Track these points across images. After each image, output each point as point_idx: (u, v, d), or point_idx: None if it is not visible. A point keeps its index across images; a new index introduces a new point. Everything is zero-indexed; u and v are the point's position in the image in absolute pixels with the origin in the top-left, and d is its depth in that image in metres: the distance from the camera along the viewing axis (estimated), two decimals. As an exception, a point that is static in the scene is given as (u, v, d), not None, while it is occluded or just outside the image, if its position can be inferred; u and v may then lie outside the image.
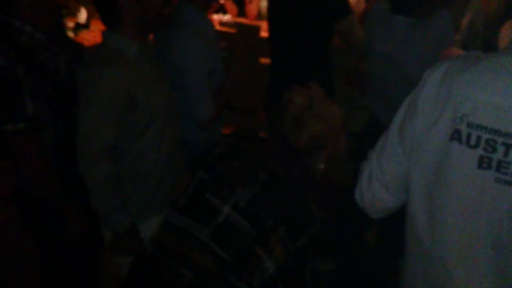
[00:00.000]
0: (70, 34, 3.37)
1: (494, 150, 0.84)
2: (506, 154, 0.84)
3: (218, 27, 3.70)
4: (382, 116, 2.06)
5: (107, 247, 1.64)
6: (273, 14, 2.44)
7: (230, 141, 1.32)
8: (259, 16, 4.03)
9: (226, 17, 4.02)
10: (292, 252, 1.12)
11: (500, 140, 0.84)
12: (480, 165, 0.86)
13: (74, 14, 3.65)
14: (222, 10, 4.10)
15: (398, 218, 1.14)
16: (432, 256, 0.98)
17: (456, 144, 0.89)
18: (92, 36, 3.49)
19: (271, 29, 2.47)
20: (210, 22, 2.06)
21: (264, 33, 3.56)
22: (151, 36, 1.80)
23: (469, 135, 0.87)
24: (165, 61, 1.74)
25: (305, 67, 2.33)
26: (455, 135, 0.88)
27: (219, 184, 1.22)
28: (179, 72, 1.83)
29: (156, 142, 1.60)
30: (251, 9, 4.06)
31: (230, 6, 4.12)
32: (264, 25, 3.60)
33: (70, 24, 3.54)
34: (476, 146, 0.86)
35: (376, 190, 1.10)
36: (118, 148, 1.51)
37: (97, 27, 3.58)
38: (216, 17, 3.92)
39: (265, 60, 3.33)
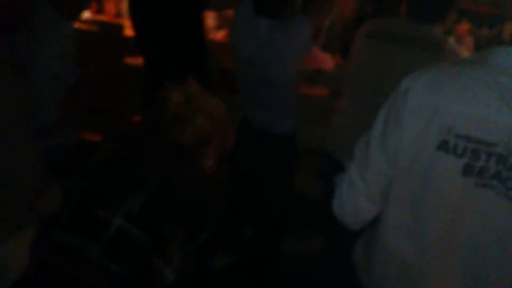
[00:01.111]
0: None
1: (478, 158, 0.90)
2: (487, 161, 0.90)
3: (77, 25, 3.45)
4: (251, 116, 2.09)
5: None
6: (137, 11, 2.33)
7: (111, 146, 1.23)
8: (118, 14, 3.88)
9: (86, 14, 3.77)
10: (193, 254, 1.09)
11: (483, 149, 0.89)
12: (464, 173, 0.91)
13: None
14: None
15: None
16: (410, 256, 1.03)
17: (443, 153, 0.92)
18: None
19: (137, 27, 2.35)
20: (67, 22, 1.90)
21: (128, 32, 3.42)
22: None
23: (455, 146, 0.91)
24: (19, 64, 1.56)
25: (181, 62, 2.26)
26: (442, 146, 0.92)
27: (105, 193, 1.12)
28: (26, 73, 1.66)
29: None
30: (110, 6, 3.88)
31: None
32: (126, 23, 3.45)
33: None
34: (462, 155, 0.91)
35: (360, 202, 1.10)
36: None
37: None
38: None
39: (131, 60, 3.20)
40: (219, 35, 3.25)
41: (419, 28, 1.95)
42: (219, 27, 3.53)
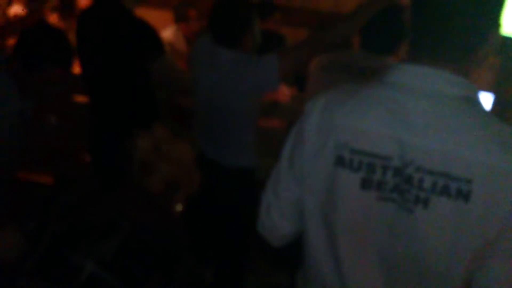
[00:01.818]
0: None
1: (374, 172, 0.93)
2: (383, 174, 0.92)
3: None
4: (207, 150, 2.04)
5: None
6: (83, 52, 2.25)
7: (82, 191, 1.21)
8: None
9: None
10: None
11: (378, 162, 0.92)
12: (362, 186, 0.94)
13: None
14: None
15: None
16: (330, 271, 1.04)
17: (341, 168, 0.96)
18: None
19: (83, 67, 2.27)
20: None
21: (76, 69, 3.32)
22: None
23: (351, 160, 0.95)
24: None
25: (126, 104, 2.20)
26: (339, 161, 0.96)
27: (78, 237, 1.09)
28: None
29: None
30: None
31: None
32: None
33: None
34: (358, 169, 0.94)
35: (274, 218, 1.15)
36: None
37: None
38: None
39: (80, 99, 3.09)
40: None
41: (373, 59, 1.97)
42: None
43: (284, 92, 3.19)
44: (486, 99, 2.41)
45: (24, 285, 1.07)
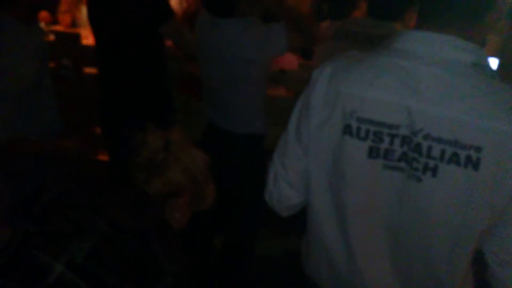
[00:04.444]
0: None
1: (381, 140, 0.92)
2: (391, 143, 0.92)
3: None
4: (216, 120, 2.08)
5: None
6: (94, 21, 2.28)
7: (63, 186, 1.12)
8: (73, 24, 3.80)
9: (41, 25, 3.67)
10: None
11: (385, 131, 0.92)
12: (370, 155, 0.94)
13: None
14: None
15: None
16: (335, 241, 1.06)
17: (348, 137, 0.96)
18: None
19: (95, 37, 2.31)
20: (33, 34, 1.85)
21: (86, 41, 3.35)
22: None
23: (358, 129, 0.94)
24: None
25: (136, 75, 2.24)
26: (347, 130, 0.96)
27: (49, 237, 1.02)
28: None
29: None
30: (65, 17, 3.81)
31: (43, 14, 3.79)
32: (83, 32, 3.38)
33: None
34: (365, 138, 0.94)
35: (282, 188, 1.14)
36: None
37: None
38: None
39: (89, 70, 3.13)
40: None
41: (380, 26, 1.98)
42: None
43: (291, 60, 3.19)
44: (491, 64, 2.41)
45: None
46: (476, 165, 0.84)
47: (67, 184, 1.15)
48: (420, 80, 0.89)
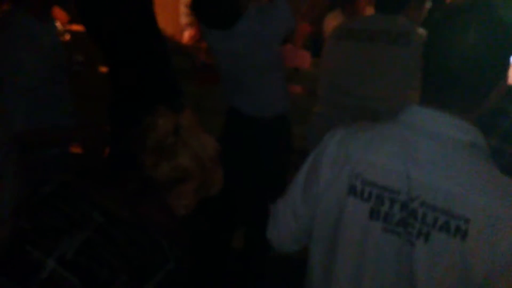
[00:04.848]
0: None
1: (382, 203, 0.99)
2: (391, 207, 0.98)
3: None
4: (240, 103, 2.09)
5: None
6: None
7: (63, 179, 1.11)
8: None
9: (57, 24, 3.71)
10: None
11: (387, 195, 0.98)
12: (371, 216, 1.00)
13: None
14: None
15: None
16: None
17: (352, 198, 1.02)
18: None
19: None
20: (47, 30, 1.89)
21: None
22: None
23: (362, 190, 1.01)
24: None
25: (143, 73, 2.23)
26: (352, 190, 1.02)
27: (42, 232, 1.02)
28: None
29: None
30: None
31: (60, 13, 3.83)
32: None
33: None
34: (368, 199, 1.00)
35: (281, 236, 1.22)
36: None
37: None
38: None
39: (105, 69, 3.15)
40: (186, 35, 3.20)
41: (384, 20, 1.97)
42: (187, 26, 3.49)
43: (305, 58, 3.19)
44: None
45: None
46: (464, 235, 0.89)
47: (67, 176, 1.13)
48: (420, 151, 0.95)
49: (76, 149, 2.36)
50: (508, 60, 0.94)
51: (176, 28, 3.21)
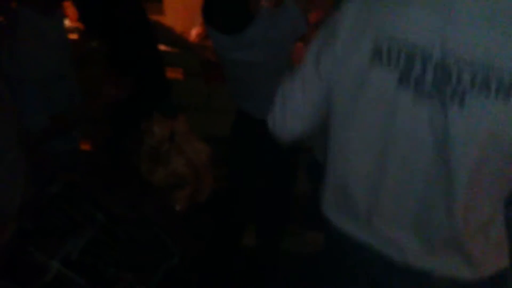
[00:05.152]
0: None
1: (413, 66, 0.88)
2: (423, 69, 0.87)
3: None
4: (250, 107, 2.07)
5: None
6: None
7: (69, 179, 1.12)
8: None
9: (66, 22, 3.72)
10: None
11: (418, 53, 0.87)
12: (400, 83, 0.89)
13: None
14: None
15: None
16: (350, 180, 1.04)
17: (377, 65, 0.91)
18: None
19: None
20: (54, 25, 1.90)
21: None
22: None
23: (389, 52, 0.89)
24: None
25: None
26: (376, 56, 0.91)
27: (46, 234, 1.03)
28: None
29: None
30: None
31: (70, 10, 3.83)
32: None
33: None
34: (396, 64, 0.89)
35: (287, 117, 1.13)
36: None
37: None
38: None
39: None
40: (193, 33, 3.19)
41: None
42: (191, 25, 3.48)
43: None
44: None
45: None
46: (507, 92, 0.79)
47: (73, 175, 1.16)
48: (455, 2, 0.84)
49: (85, 146, 2.37)
50: None
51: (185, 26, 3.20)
